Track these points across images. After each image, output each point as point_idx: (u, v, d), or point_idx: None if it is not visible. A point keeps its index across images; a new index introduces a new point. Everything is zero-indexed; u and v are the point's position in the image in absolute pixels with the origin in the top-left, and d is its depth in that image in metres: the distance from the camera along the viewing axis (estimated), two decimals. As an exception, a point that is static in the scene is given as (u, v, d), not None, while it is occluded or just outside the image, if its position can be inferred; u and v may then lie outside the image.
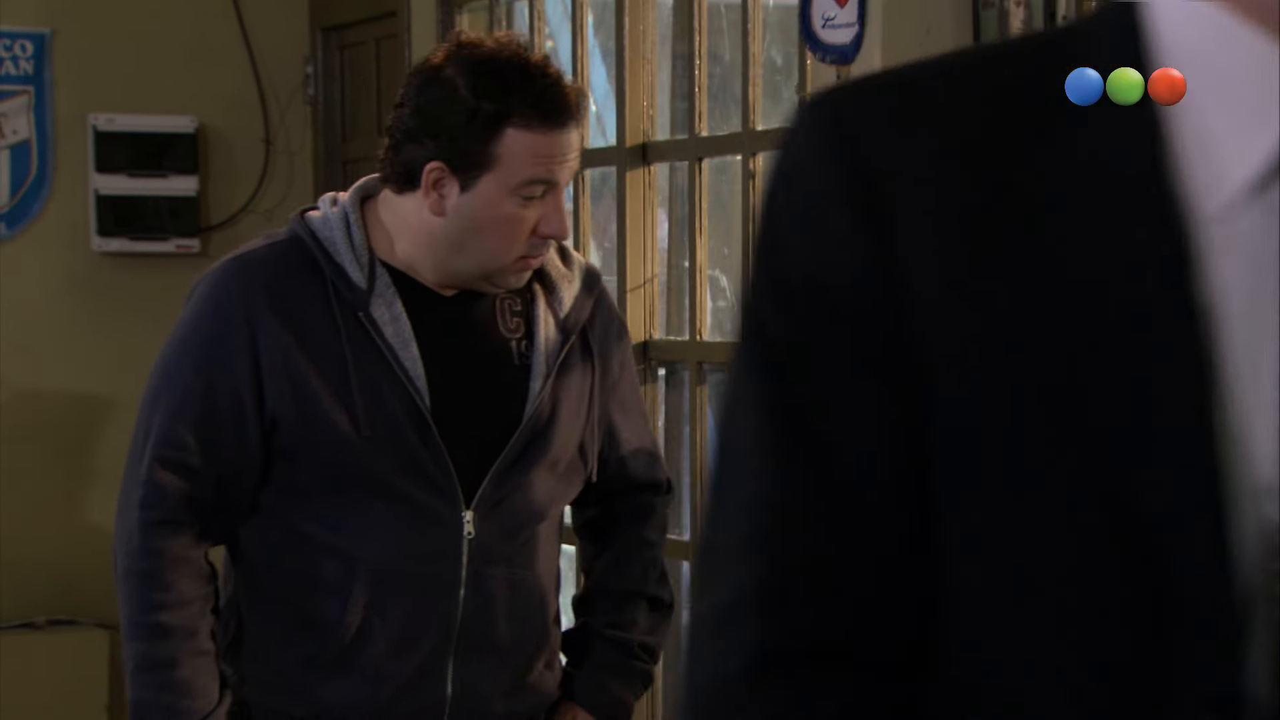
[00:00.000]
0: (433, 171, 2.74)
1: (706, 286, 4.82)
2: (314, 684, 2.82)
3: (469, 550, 2.80)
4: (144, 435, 2.82)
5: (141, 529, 2.80)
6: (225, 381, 2.77)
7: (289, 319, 2.77)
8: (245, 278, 2.82)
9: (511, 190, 2.73)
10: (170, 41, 6.36)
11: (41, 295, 6.25)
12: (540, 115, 2.72)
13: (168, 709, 2.77)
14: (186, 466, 2.78)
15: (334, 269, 2.78)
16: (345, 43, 6.47)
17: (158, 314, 6.35)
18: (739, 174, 4.60)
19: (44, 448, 6.24)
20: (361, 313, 2.77)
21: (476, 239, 2.76)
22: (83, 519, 6.28)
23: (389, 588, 2.79)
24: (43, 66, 6.26)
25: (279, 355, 2.75)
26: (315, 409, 2.75)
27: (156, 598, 2.78)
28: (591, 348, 2.92)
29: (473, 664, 2.84)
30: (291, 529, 2.81)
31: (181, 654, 2.77)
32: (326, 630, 2.80)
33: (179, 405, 2.79)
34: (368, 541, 2.78)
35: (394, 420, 2.75)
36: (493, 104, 2.70)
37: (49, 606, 6.17)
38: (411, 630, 2.80)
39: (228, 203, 6.45)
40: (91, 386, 6.30)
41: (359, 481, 2.76)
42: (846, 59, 4.01)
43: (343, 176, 6.47)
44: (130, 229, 6.27)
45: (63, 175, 6.28)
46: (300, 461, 2.77)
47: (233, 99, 6.44)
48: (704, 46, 4.73)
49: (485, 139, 2.71)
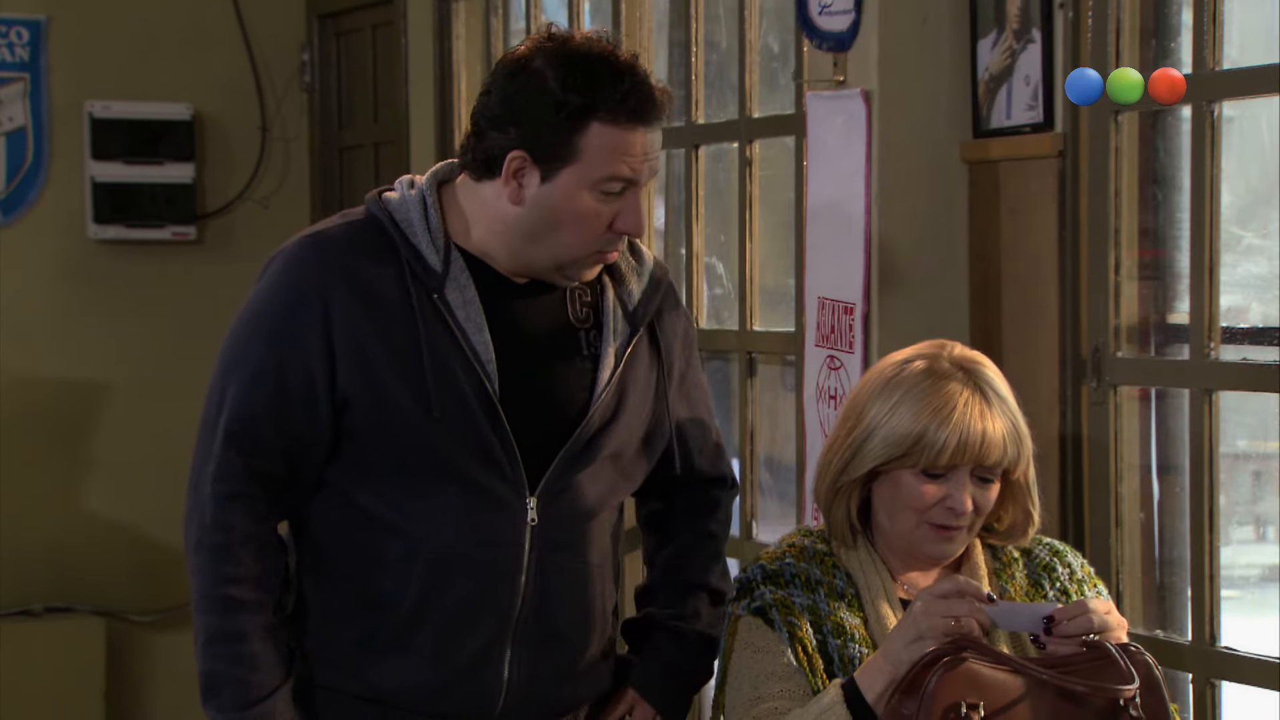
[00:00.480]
0: (514, 160, 2.74)
1: (703, 273, 4.82)
2: (370, 664, 2.82)
3: (531, 537, 2.81)
4: (216, 409, 2.82)
5: (214, 502, 2.78)
6: (297, 357, 2.77)
7: (363, 297, 2.77)
8: (321, 254, 2.81)
9: (591, 185, 2.73)
10: (166, 28, 6.36)
11: (38, 283, 6.25)
12: (626, 112, 2.72)
13: (237, 682, 2.77)
14: (258, 441, 2.78)
15: (410, 250, 2.79)
16: (341, 30, 6.46)
17: (154, 301, 6.35)
18: (735, 161, 4.60)
19: (41, 435, 6.24)
20: (436, 295, 2.77)
21: (552, 231, 2.76)
22: (80, 507, 6.28)
23: (450, 571, 2.79)
24: (39, 53, 6.25)
25: (352, 333, 2.75)
26: (387, 388, 2.75)
27: (227, 571, 2.77)
28: (659, 342, 2.93)
29: (531, 650, 2.84)
30: (356, 507, 2.81)
31: (251, 628, 2.78)
32: (385, 610, 2.80)
33: (251, 380, 2.79)
34: (432, 524, 2.78)
35: (465, 403, 2.76)
36: (580, 97, 2.71)
37: (46, 594, 6.17)
38: (470, 615, 2.80)
39: (224, 190, 6.45)
40: (88, 374, 6.29)
41: (427, 463, 2.77)
42: (843, 46, 4.00)
43: (339, 163, 6.47)
44: (126, 216, 6.27)
45: (59, 162, 6.28)
46: (369, 440, 2.77)
47: (229, 86, 6.43)
48: (700, 33, 4.73)
49: (569, 131, 2.71)
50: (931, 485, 2.75)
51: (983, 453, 2.73)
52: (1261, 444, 4.41)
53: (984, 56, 3.90)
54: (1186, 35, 3.60)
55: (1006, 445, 2.75)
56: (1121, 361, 3.67)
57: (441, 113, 5.78)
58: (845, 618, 2.77)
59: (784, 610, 2.76)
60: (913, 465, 2.75)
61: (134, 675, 6.33)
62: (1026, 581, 2.86)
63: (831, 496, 2.83)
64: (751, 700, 2.74)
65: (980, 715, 2.54)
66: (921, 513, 2.76)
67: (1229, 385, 3.47)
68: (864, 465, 2.78)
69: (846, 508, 2.82)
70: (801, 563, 2.81)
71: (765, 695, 2.74)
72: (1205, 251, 3.46)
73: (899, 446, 2.75)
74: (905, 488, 2.76)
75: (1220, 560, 3.49)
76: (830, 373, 4.04)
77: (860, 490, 2.82)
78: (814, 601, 2.77)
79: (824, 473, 2.84)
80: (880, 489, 2.80)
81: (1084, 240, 3.70)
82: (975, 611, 2.61)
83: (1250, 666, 3.35)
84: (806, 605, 2.77)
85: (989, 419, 2.74)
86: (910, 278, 3.96)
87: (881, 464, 2.76)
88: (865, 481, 2.81)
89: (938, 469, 2.74)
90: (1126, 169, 3.68)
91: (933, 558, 2.81)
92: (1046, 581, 2.86)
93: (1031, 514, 2.85)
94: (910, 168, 3.95)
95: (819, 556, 2.83)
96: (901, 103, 3.94)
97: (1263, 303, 3.80)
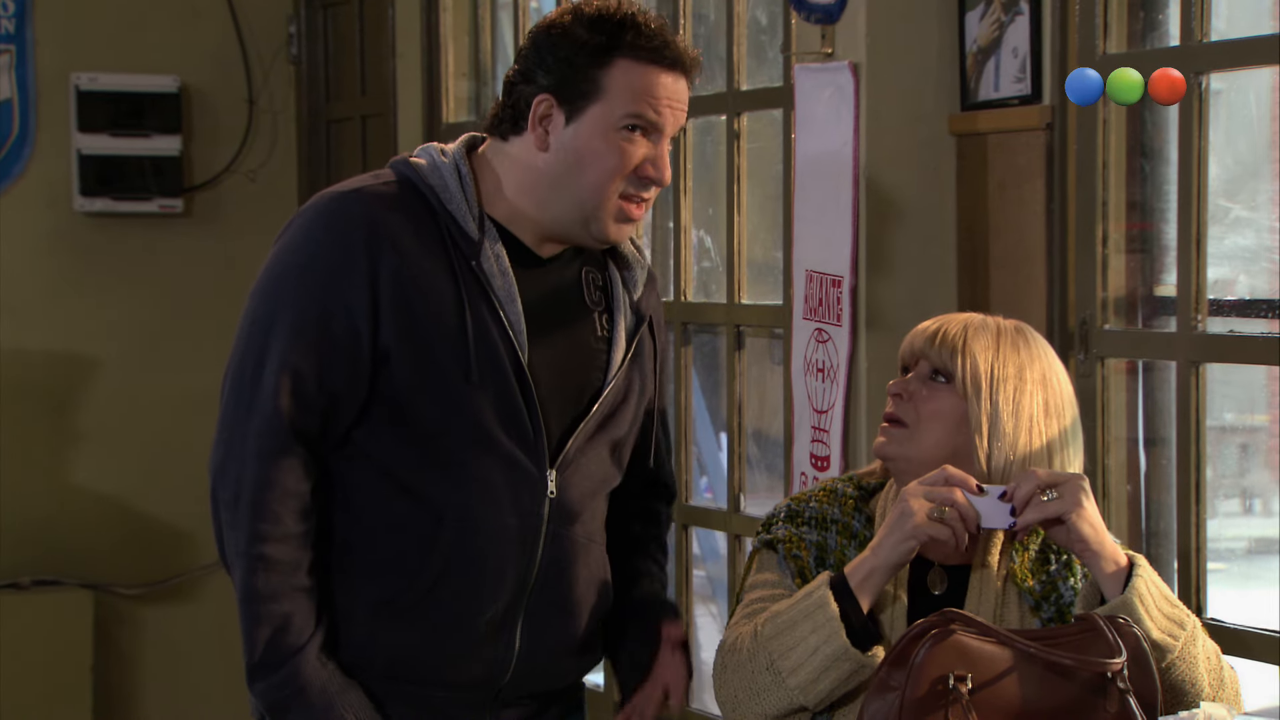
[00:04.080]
0: (540, 104, 2.77)
1: (691, 247, 4.81)
2: (382, 630, 2.81)
3: (550, 509, 2.82)
4: (256, 362, 2.76)
5: (259, 459, 2.74)
6: (343, 310, 2.74)
7: (408, 256, 2.75)
8: (366, 208, 2.77)
9: (616, 122, 2.75)
10: (153, 1, 6.34)
11: (24, 255, 6.23)
12: (650, 50, 2.75)
13: (267, 642, 2.76)
14: (303, 396, 2.75)
15: (448, 216, 2.79)
16: (328, 2, 6.44)
17: (141, 274, 6.34)
18: (724, 134, 4.60)
19: (27, 408, 6.23)
20: (474, 262, 2.78)
21: (579, 172, 2.77)
22: (67, 479, 6.27)
23: (474, 539, 2.79)
24: (24, 25, 6.23)
25: (398, 290, 2.74)
26: (430, 347, 2.75)
27: (264, 529, 2.75)
28: (655, 336, 2.96)
29: (542, 622, 2.85)
30: (380, 470, 2.79)
31: (283, 589, 2.76)
32: (407, 575, 2.79)
33: (295, 333, 2.75)
34: (458, 491, 2.78)
35: (502, 371, 2.76)
36: (605, 36, 2.75)
37: (33, 567, 6.17)
38: (490, 584, 2.80)
39: (211, 162, 6.43)
40: (75, 347, 6.28)
41: (462, 427, 2.76)
42: (831, 18, 4.00)
43: (326, 136, 6.46)
44: (113, 189, 6.25)
45: (45, 135, 6.26)
46: (406, 399, 2.76)
47: (216, 58, 6.41)
48: (689, 6, 4.72)
49: (593, 67, 2.74)
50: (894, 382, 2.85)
51: (931, 346, 2.81)
52: (1249, 416, 4.42)
53: (972, 29, 3.89)
54: (1174, 7, 3.60)
55: (957, 352, 2.80)
56: (1109, 334, 3.67)
57: (429, 85, 5.77)
58: (851, 555, 2.80)
59: (789, 545, 2.82)
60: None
61: (122, 648, 6.33)
62: (1038, 558, 2.85)
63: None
64: (744, 605, 2.83)
65: (968, 687, 2.54)
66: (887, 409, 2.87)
67: (1216, 358, 3.47)
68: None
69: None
70: (825, 504, 2.87)
71: (761, 598, 2.81)
72: (1193, 224, 3.46)
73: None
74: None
75: (1207, 533, 3.50)
76: (818, 346, 4.04)
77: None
78: (823, 538, 2.83)
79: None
80: None
81: (1072, 213, 3.70)
82: (959, 499, 2.66)
83: (1237, 638, 3.36)
84: (815, 542, 2.83)
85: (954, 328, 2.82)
86: (898, 251, 3.96)
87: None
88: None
89: (905, 365, 2.85)
90: (1114, 141, 3.68)
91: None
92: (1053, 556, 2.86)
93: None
94: (898, 140, 3.95)
95: (844, 499, 2.88)
96: (889, 75, 3.94)
97: (1250, 275, 3.80)
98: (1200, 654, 2.73)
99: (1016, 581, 2.81)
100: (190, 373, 6.21)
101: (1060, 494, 2.69)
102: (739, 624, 2.79)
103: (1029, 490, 2.68)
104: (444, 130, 5.70)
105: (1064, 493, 2.69)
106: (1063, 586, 2.82)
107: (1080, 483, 2.70)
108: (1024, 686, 2.57)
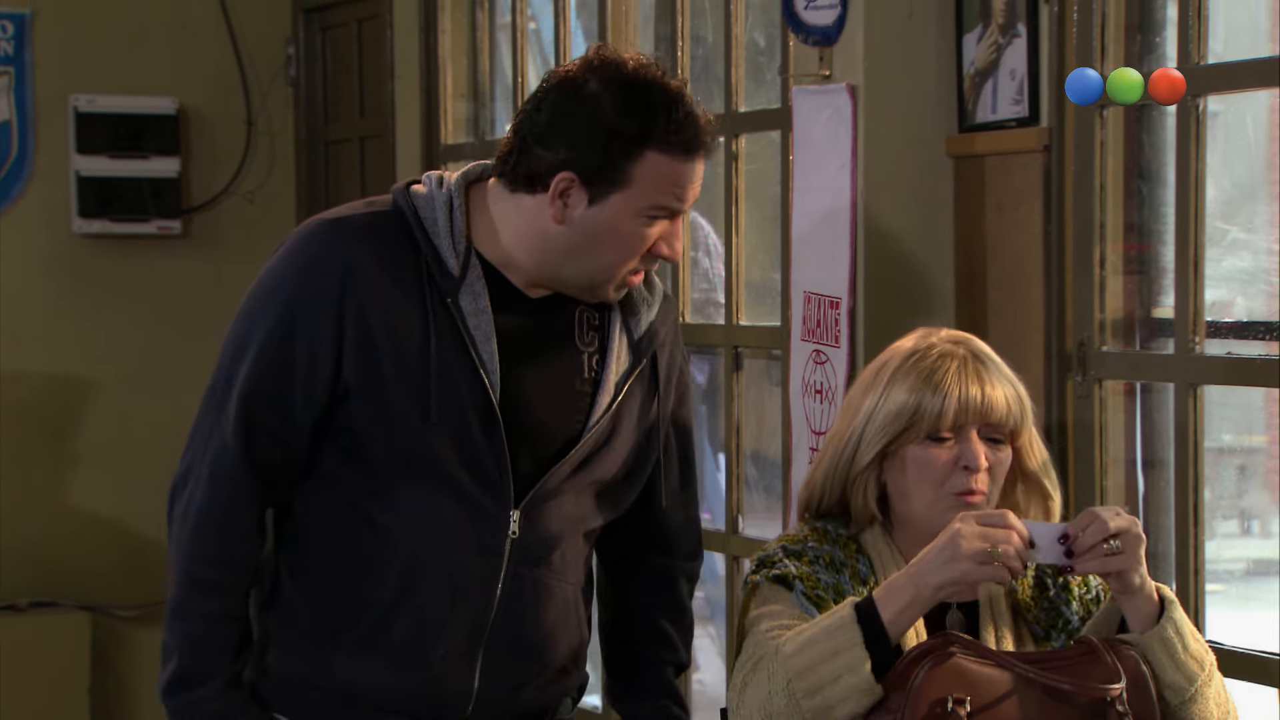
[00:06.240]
0: (562, 181, 2.72)
1: (689, 268, 4.82)
2: (338, 660, 2.81)
3: (511, 550, 2.80)
4: (225, 384, 2.81)
5: (211, 480, 2.78)
6: (306, 340, 2.75)
7: (380, 291, 2.75)
8: (346, 241, 2.77)
9: (638, 212, 2.73)
10: (151, 22, 6.35)
11: (22, 277, 6.23)
12: (681, 143, 2.72)
13: (181, 659, 2.81)
14: (262, 422, 2.77)
15: (431, 250, 2.77)
16: (327, 24, 6.45)
17: (139, 296, 6.34)
18: (721, 155, 4.60)
19: (24, 429, 6.23)
20: (450, 299, 2.76)
21: (593, 252, 2.75)
22: (65, 501, 6.27)
23: (427, 575, 2.78)
24: (23, 47, 6.24)
25: (363, 327, 2.74)
26: (389, 385, 2.74)
27: (199, 549, 2.78)
28: (659, 374, 2.93)
29: (502, 660, 2.84)
30: (342, 501, 2.80)
31: (206, 610, 2.79)
32: (358, 608, 2.80)
33: (259, 357, 2.77)
34: (414, 526, 2.77)
35: (463, 410, 2.75)
36: (636, 126, 2.70)
37: (31, 588, 6.16)
38: (443, 621, 2.80)
39: (209, 184, 6.43)
40: (73, 368, 6.28)
41: (418, 465, 2.76)
42: (829, 40, 4.00)
43: (324, 158, 6.46)
44: (111, 210, 6.25)
45: (43, 156, 6.26)
46: (364, 435, 2.76)
47: (214, 80, 6.42)
48: (686, 28, 4.73)
49: (623, 158, 2.70)
50: (940, 449, 2.72)
51: (985, 408, 2.71)
52: (1247, 438, 4.42)
53: (969, 51, 3.90)
54: (1172, 30, 3.61)
55: (1009, 402, 2.73)
56: (1107, 356, 3.67)
57: (427, 107, 5.78)
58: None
59: (810, 583, 2.74)
60: (916, 436, 2.72)
61: (119, 670, 6.32)
62: (1036, 584, 2.83)
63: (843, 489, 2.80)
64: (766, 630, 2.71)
65: (966, 710, 2.54)
66: (938, 483, 2.72)
67: (1214, 379, 3.47)
68: (870, 450, 2.75)
69: (864, 497, 2.79)
70: (825, 545, 2.79)
71: (782, 625, 2.70)
72: (1190, 246, 3.46)
73: (900, 419, 2.73)
74: (914, 460, 2.73)
75: (1205, 554, 3.49)
76: (816, 367, 4.04)
77: (875, 480, 2.78)
78: (838, 581, 2.75)
79: (830, 471, 2.81)
80: (893, 472, 2.77)
81: (1069, 234, 3.70)
82: (1015, 544, 2.56)
83: (1235, 661, 3.36)
84: (831, 584, 2.75)
85: (985, 378, 2.73)
86: (896, 272, 3.96)
87: (888, 442, 2.74)
88: (878, 470, 2.77)
89: (943, 433, 2.72)
90: (1112, 163, 3.69)
91: None
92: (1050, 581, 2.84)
93: (1051, 494, 2.83)
94: (896, 162, 3.95)
95: (842, 540, 2.80)
96: (887, 97, 3.94)
97: (1248, 297, 3.80)
98: (1213, 692, 2.71)
99: (1023, 611, 2.79)
100: (188, 394, 6.12)
101: (1123, 546, 2.61)
102: (763, 643, 2.69)
103: (1095, 539, 2.61)
104: (442, 152, 5.71)
105: (1126, 545, 2.61)
106: (1066, 611, 2.80)
107: (1140, 533, 2.63)
108: (1023, 710, 2.57)
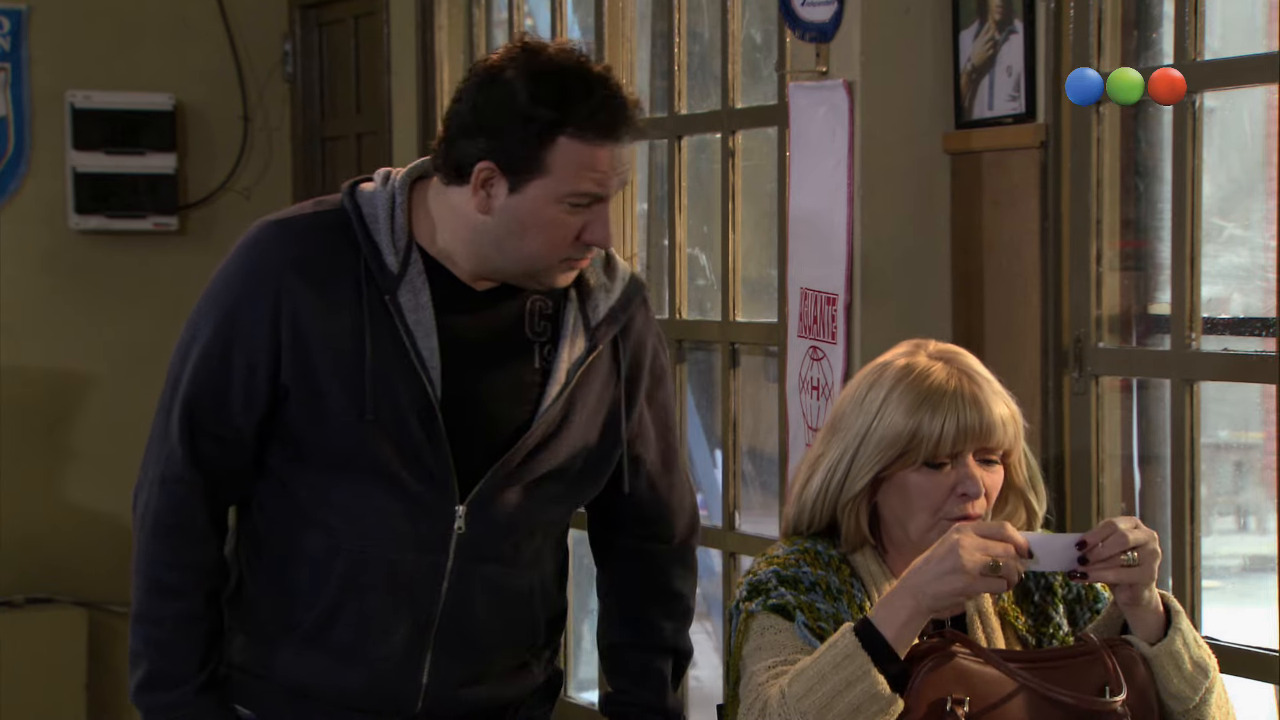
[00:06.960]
0: (483, 171, 2.72)
1: (685, 265, 4.82)
2: (289, 654, 2.83)
3: (456, 545, 2.79)
4: (172, 390, 2.85)
5: (162, 484, 2.81)
6: (244, 345, 2.77)
7: (317, 291, 2.76)
8: (283, 243, 2.79)
9: (559, 198, 2.71)
10: (148, 18, 6.35)
11: (19, 273, 6.23)
12: (595, 128, 2.70)
13: (149, 664, 2.81)
14: (200, 426, 2.80)
15: (370, 248, 2.77)
16: (323, 20, 6.45)
17: (136, 292, 6.34)
18: (718, 152, 4.60)
19: (21, 426, 6.22)
20: (388, 296, 2.76)
21: (519, 241, 2.74)
22: (61, 497, 6.26)
23: (368, 571, 2.79)
24: (20, 43, 6.23)
25: (300, 326, 2.75)
26: (324, 386, 2.75)
27: (157, 553, 2.80)
28: (620, 361, 2.90)
29: (450, 656, 2.83)
30: (288, 497, 2.82)
31: (170, 614, 2.80)
32: (304, 606, 2.81)
33: (200, 362, 2.80)
34: (356, 523, 2.78)
35: (399, 407, 2.75)
36: (548, 111, 2.68)
37: (27, 584, 6.16)
38: (385, 617, 2.80)
39: (206, 180, 6.43)
40: (70, 364, 6.28)
41: (357, 464, 2.76)
42: (826, 36, 4.00)
43: (321, 154, 6.46)
44: (108, 206, 6.25)
45: (40, 152, 6.26)
46: (304, 434, 2.78)
47: (211, 76, 6.42)
48: (683, 24, 4.73)
49: (538, 145, 2.69)
50: (939, 476, 2.67)
51: (983, 433, 2.67)
52: (1243, 434, 4.42)
53: (966, 47, 3.90)
54: (1168, 26, 3.61)
55: (1004, 423, 2.69)
56: (1103, 352, 3.67)
57: (424, 103, 5.78)
58: None
59: (811, 614, 2.67)
60: (914, 462, 2.67)
61: (116, 666, 6.30)
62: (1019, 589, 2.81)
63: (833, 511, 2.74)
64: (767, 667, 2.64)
65: (966, 710, 2.53)
66: (935, 509, 2.67)
67: (1210, 376, 3.48)
68: (864, 475, 2.69)
69: (856, 521, 2.72)
70: (818, 569, 2.72)
71: (784, 660, 2.63)
72: (1187, 242, 3.46)
73: (896, 445, 2.67)
74: (913, 487, 2.68)
75: (1202, 550, 3.50)
76: (813, 363, 4.04)
77: (867, 503, 2.72)
78: (837, 610, 2.68)
79: (821, 493, 2.74)
80: (887, 496, 2.71)
81: (1066, 231, 3.70)
82: (1014, 559, 2.52)
83: (1232, 657, 3.36)
84: (830, 613, 2.68)
85: (981, 400, 2.68)
86: (892, 269, 3.96)
87: (883, 468, 2.68)
88: (870, 493, 2.72)
89: (940, 459, 2.67)
90: (1108, 160, 3.69)
91: None
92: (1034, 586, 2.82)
93: (1035, 510, 2.78)
94: (892, 158, 3.95)
95: (834, 563, 2.74)
96: (884, 93, 3.94)
97: (1244, 293, 3.81)
98: (1215, 697, 2.70)
99: (1011, 620, 2.77)
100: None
101: (1140, 559, 2.57)
102: (765, 686, 2.60)
103: (1114, 550, 2.57)
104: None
105: (1143, 559, 2.58)
106: (1054, 614, 2.78)
107: (1157, 549, 2.60)
108: (1023, 711, 2.56)
